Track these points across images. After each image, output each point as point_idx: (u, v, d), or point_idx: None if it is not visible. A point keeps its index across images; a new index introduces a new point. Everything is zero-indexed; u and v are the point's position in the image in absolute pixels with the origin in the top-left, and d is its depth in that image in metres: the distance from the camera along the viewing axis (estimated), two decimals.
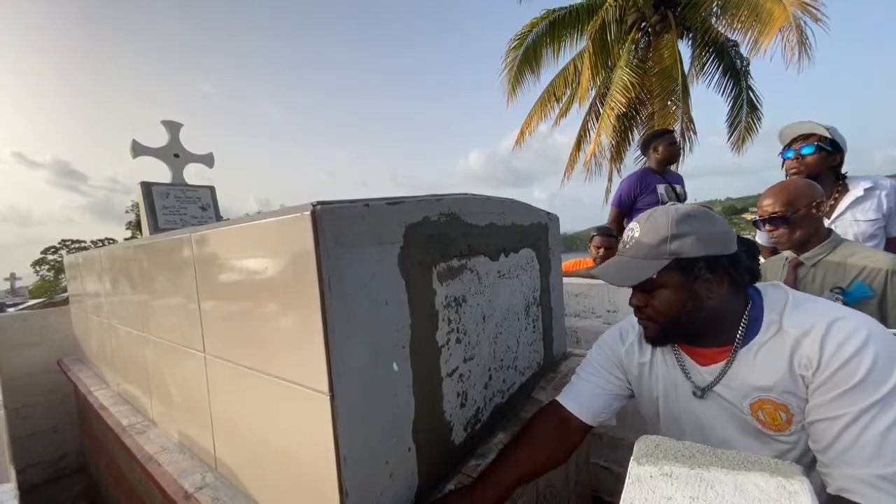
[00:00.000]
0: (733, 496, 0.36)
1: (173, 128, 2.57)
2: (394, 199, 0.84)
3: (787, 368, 0.71)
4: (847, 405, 0.63)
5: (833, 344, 0.66)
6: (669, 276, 0.78)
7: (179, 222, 2.40)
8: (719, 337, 0.81)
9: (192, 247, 1.04)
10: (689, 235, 0.76)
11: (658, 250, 0.78)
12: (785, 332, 0.73)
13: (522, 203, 1.41)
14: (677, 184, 2.81)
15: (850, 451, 0.62)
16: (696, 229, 0.76)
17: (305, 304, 0.70)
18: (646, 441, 0.44)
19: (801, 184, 1.38)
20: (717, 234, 0.77)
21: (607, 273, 0.86)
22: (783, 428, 0.73)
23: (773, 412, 0.73)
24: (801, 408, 0.71)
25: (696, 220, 0.77)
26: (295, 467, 0.81)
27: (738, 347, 0.78)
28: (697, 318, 0.79)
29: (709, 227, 0.77)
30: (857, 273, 1.29)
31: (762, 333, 0.76)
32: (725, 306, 0.79)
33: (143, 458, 1.20)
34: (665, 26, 6.94)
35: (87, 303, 2.16)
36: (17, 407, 2.68)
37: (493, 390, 1.18)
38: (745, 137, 7.48)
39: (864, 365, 0.62)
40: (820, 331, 0.68)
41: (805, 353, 0.69)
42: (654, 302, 0.81)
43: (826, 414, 0.65)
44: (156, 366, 1.38)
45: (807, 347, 0.69)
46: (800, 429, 0.72)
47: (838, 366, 0.64)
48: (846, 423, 0.63)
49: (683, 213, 0.78)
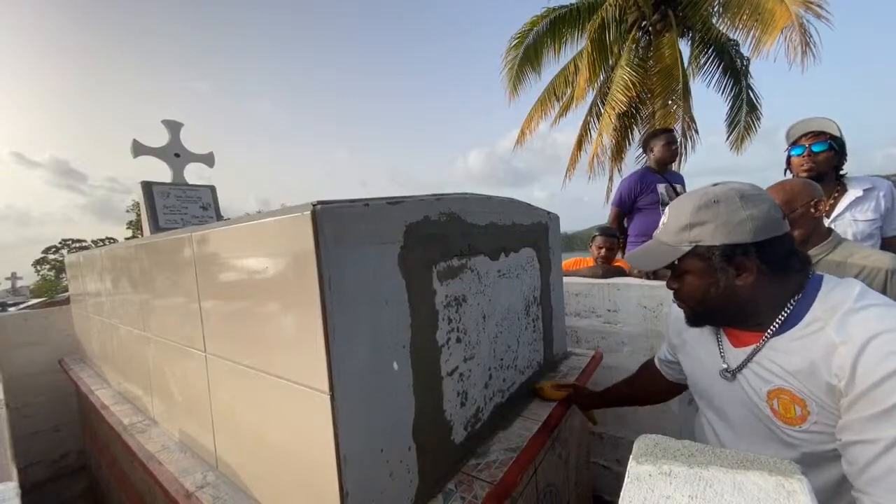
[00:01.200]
0: (732, 495, 0.36)
1: (174, 127, 2.57)
2: (394, 199, 0.84)
3: (817, 369, 0.67)
4: (885, 428, 0.59)
5: (872, 358, 0.61)
6: (691, 263, 0.78)
7: (180, 222, 2.41)
8: (755, 322, 0.78)
9: (193, 246, 1.05)
10: (709, 223, 0.74)
11: (679, 237, 0.78)
12: (826, 334, 0.67)
13: (523, 202, 1.41)
14: (678, 183, 2.80)
15: (885, 479, 0.58)
16: (717, 216, 0.74)
17: (306, 304, 0.70)
18: (645, 440, 0.44)
19: (798, 183, 1.38)
20: (742, 220, 0.73)
21: (634, 256, 0.89)
22: (795, 422, 0.71)
23: (788, 403, 0.71)
24: (820, 412, 0.68)
25: (720, 205, 0.74)
26: (295, 466, 0.81)
27: (772, 336, 0.75)
28: (726, 303, 0.78)
29: (732, 214, 0.73)
30: (857, 273, 1.29)
31: (801, 328, 0.72)
32: (758, 294, 0.75)
33: (144, 456, 1.21)
34: (666, 25, 6.93)
35: (88, 302, 2.17)
36: (19, 406, 2.68)
37: (494, 389, 1.19)
38: (745, 137, 7.45)
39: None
40: (861, 341, 0.62)
41: (839, 361, 0.64)
42: (683, 287, 0.82)
43: (861, 436, 0.61)
44: (157, 365, 1.38)
45: (842, 356, 0.64)
46: (810, 431, 0.70)
47: (874, 382, 0.60)
48: (884, 448, 0.58)
49: (709, 198, 0.75)
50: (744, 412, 0.80)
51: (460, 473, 0.99)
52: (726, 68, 7.18)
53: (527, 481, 1.11)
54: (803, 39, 5.40)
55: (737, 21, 6.25)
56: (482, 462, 1.04)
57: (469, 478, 0.97)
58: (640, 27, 7.32)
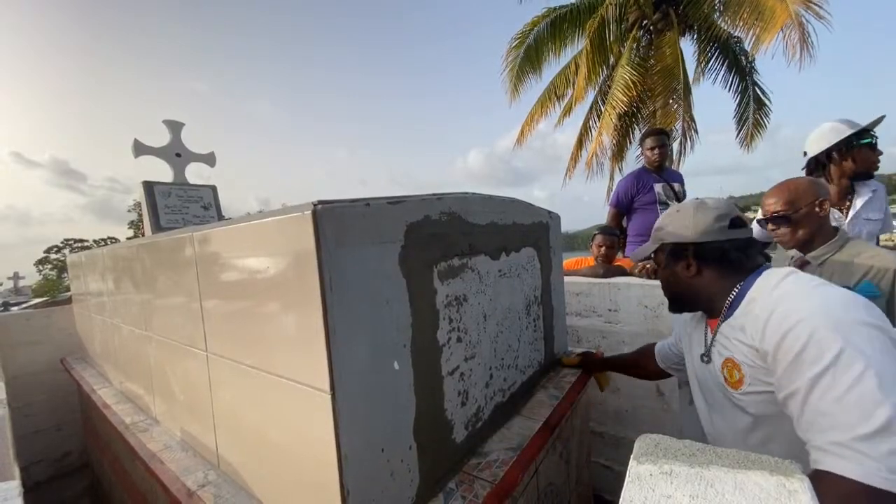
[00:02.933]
0: (733, 494, 0.36)
1: (175, 127, 2.57)
2: (395, 199, 0.84)
3: (746, 337, 0.80)
4: (796, 378, 0.66)
5: (774, 321, 0.72)
6: (659, 258, 1.00)
7: (181, 221, 2.41)
8: (709, 307, 0.94)
9: (194, 246, 1.05)
10: (669, 226, 0.96)
11: (655, 235, 1.01)
12: (756, 306, 0.80)
13: (523, 202, 1.41)
14: (676, 182, 2.80)
15: (813, 423, 0.64)
16: (675, 220, 0.95)
17: (307, 304, 0.71)
18: (645, 440, 0.44)
19: (804, 182, 1.38)
20: (685, 226, 0.92)
21: (635, 252, 1.11)
22: (737, 386, 0.84)
23: (731, 370, 0.85)
24: (752, 374, 0.79)
25: (679, 214, 0.95)
26: (297, 465, 0.81)
27: (724, 319, 0.89)
28: (680, 290, 0.98)
29: (683, 220, 0.93)
30: (865, 272, 1.28)
31: (741, 308, 0.85)
32: (707, 285, 0.92)
33: (146, 455, 1.21)
34: (667, 24, 6.91)
35: (90, 302, 2.17)
36: (21, 405, 2.69)
37: (494, 389, 1.19)
38: (754, 134, 7.41)
39: (800, 338, 0.66)
40: (770, 308, 0.75)
41: (758, 326, 0.76)
42: (661, 278, 1.03)
43: (786, 389, 0.69)
44: (158, 364, 1.39)
45: (760, 321, 0.76)
46: (749, 392, 0.81)
47: (778, 339, 0.70)
48: (803, 397, 0.65)
49: (675, 209, 0.98)
50: (715, 388, 0.93)
51: (461, 473, 0.99)
52: (731, 65, 7.16)
53: (528, 480, 1.11)
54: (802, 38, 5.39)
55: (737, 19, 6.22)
56: (483, 461, 1.04)
57: (470, 477, 0.97)
58: (640, 26, 7.31)
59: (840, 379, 0.61)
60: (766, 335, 0.73)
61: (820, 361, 0.63)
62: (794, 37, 5.41)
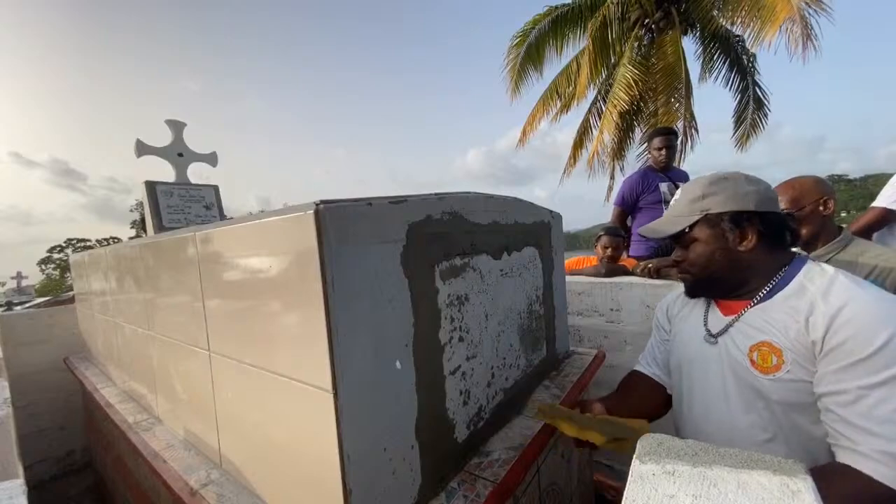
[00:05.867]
0: (736, 494, 0.36)
1: (177, 127, 2.58)
2: (397, 198, 0.84)
3: (796, 322, 0.75)
4: (857, 377, 0.64)
5: (848, 313, 0.67)
6: (700, 230, 0.87)
7: (184, 221, 2.42)
8: (747, 289, 0.87)
9: (197, 245, 1.05)
10: (720, 193, 0.85)
11: (692, 207, 0.88)
12: (809, 296, 0.76)
13: (525, 201, 1.41)
14: (682, 181, 2.79)
15: (859, 426, 0.63)
16: (727, 188, 0.85)
17: (309, 303, 0.71)
18: (648, 439, 0.44)
19: (808, 181, 1.37)
20: (748, 192, 0.84)
21: (649, 227, 0.97)
22: (770, 371, 0.77)
23: (767, 354, 0.78)
24: (794, 362, 0.74)
25: (729, 181, 0.86)
26: (299, 464, 0.81)
27: (761, 300, 0.83)
28: (728, 269, 0.86)
29: (740, 187, 0.84)
30: (869, 272, 1.28)
31: (787, 290, 0.80)
32: (756, 261, 0.84)
33: (149, 454, 1.22)
34: (668, 23, 6.89)
35: (92, 301, 2.18)
36: (25, 404, 2.70)
37: (496, 388, 1.19)
38: (751, 134, 7.40)
39: (878, 339, 0.63)
40: (841, 299, 0.70)
41: (818, 315, 0.71)
42: (689, 255, 0.91)
43: (836, 386, 0.67)
44: (161, 363, 1.39)
45: (821, 311, 0.71)
46: (783, 380, 0.76)
47: (849, 335, 0.66)
48: (857, 397, 0.64)
49: (719, 176, 0.88)
50: (719, 370, 0.88)
51: (463, 472, 0.99)
52: (732, 64, 7.14)
53: (529, 480, 1.11)
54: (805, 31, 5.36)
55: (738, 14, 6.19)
56: (485, 461, 1.04)
57: (472, 476, 0.97)
58: (642, 25, 7.29)
59: None
60: (835, 330, 0.68)
61: (890, 369, 0.62)
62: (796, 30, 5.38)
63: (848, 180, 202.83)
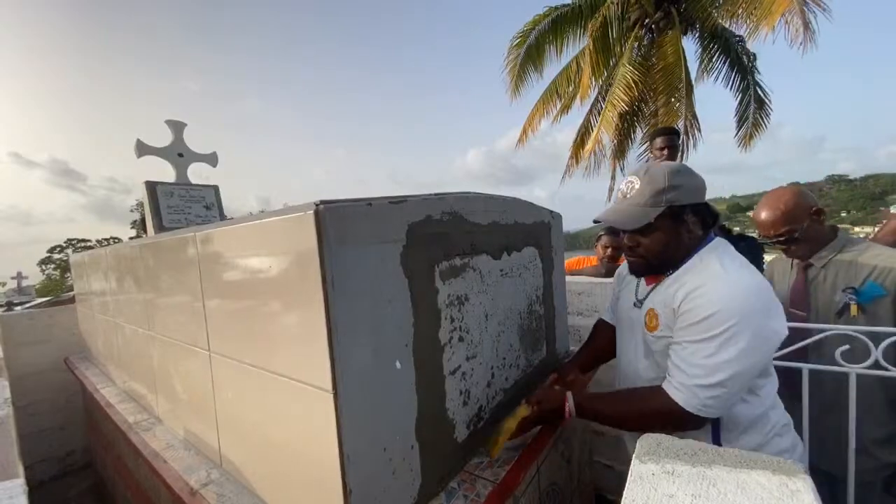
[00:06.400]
0: (735, 494, 0.36)
1: (177, 127, 2.58)
2: (397, 198, 0.84)
3: (669, 298, 0.95)
4: (687, 335, 0.88)
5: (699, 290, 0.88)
6: (663, 221, 0.94)
7: (184, 221, 2.42)
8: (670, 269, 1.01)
9: (197, 246, 1.05)
10: (682, 187, 0.93)
11: (656, 199, 0.93)
12: (689, 270, 0.96)
13: (525, 201, 1.41)
14: None
15: (678, 366, 0.89)
16: (686, 181, 0.94)
17: (309, 303, 0.71)
18: (648, 439, 0.44)
19: (791, 198, 1.37)
20: (700, 186, 0.96)
21: (611, 217, 1.01)
22: (652, 329, 1.00)
23: (652, 317, 1.00)
24: (665, 324, 0.96)
25: (684, 174, 0.95)
26: (299, 464, 0.81)
27: (670, 274, 1.00)
28: (676, 254, 0.98)
29: (695, 180, 0.95)
30: (869, 272, 1.28)
31: (684, 266, 0.97)
32: (693, 244, 0.98)
33: (149, 454, 1.22)
34: (669, 23, 6.89)
35: (93, 301, 2.18)
36: (25, 404, 2.71)
37: (496, 388, 1.19)
38: (753, 133, 7.39)
39: (707, 311, 0.85)
40: (701, 279, 0.90)
41: (681, 290, 0.92)
42: (646, 242, 0.98)
43: (676, 339, 0.91)
44: (161, 363, 1.39)
45: (684, 287, 0.92)
46: (657, 337, 0.98)
47: (692, 306, 0.88)
48: (683, 347, 0.89)
49: (675, 168, 0.95)
50: (637, 328, 1.07)
51: (463, 472, 0.99)
52: (732, 64, 7.13)
53: (529, 480, 1.11)
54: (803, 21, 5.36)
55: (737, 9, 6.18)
56: (485, 461, 1.04)
57: (472, 476, 0.97)
58: (642, 25, 7.28)
59: (710, 348, 0.84)
60: (685, 302, 0.90)
61: (709, 332, 0.84)
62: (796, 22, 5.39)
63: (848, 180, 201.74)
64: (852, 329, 1.19)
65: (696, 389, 0.85)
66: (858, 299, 1.28)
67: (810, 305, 1.41)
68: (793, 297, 1.46)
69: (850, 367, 1.19)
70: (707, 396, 0.84)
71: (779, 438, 0.94)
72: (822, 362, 1.28)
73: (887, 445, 1.30)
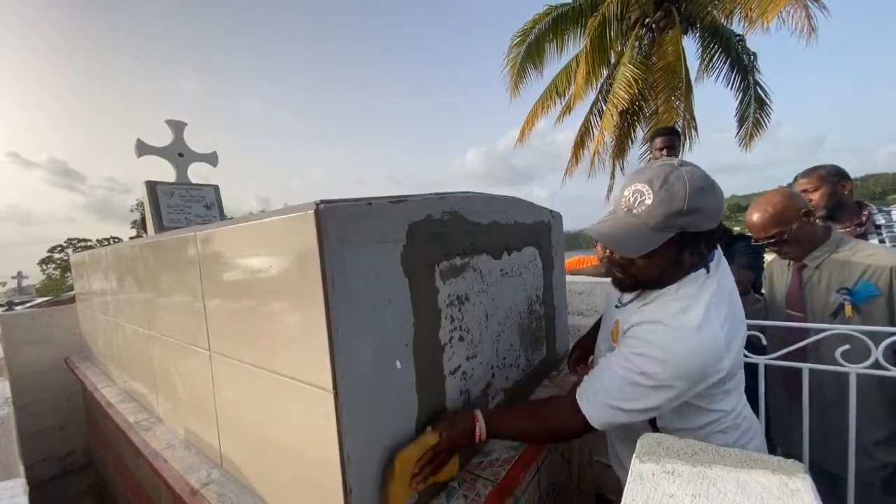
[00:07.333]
0: (736, 493, 0.36)
1: (177, 127, 2.58)
2: (397, 198, 0.84)
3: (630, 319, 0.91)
4: (617, 355, 0.87)
5: (642, 326, 0.85)
6: (668, 246, 0.79)
7: (184, 221, 2.42)
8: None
9: (197, 245, 1.05)
10: (702, 211, 0.75)
11: (668, 222, 0.76)
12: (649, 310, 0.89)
13: (525, 201, 1.41)
14: None
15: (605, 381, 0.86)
16: (708, 203, 0.76)
17: (309, 303, 0.71)
18: (648, 439, 0.44)
19: (780, 200, 1.37)
20: (719, 207, 0.79)
21: (607, 236, 0.84)
22: (614, 340, 0.98)
23: (615, 329, 0.98)
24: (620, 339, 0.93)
25: (707, 192, 0.76)
26: (299, 464, 0.81)
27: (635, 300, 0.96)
28: (671, 279, 0.86)
29: (716, 200, 0.77)
30: (862, 272, 1.28)
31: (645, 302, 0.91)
32: (690, 270, 0.86)
33: (149, 454, 1.22)
34: (669, 22, 6.88)
35: (93, 301, 2.18)
36: (26, 404, 2.71)
37: (496, 388, 1.19)
38: (754, 133, 7.39)
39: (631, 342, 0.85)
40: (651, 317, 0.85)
41: (635, 319, 0.88)
42: (642, 265, 0.84)
43: (616, 353, 0.90)
44: (161, 363, 1.39)
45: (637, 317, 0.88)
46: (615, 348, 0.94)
47: (630, 335, 0.87)
48: (616, 366, 0.85)
49: (698, 185, 0.75)
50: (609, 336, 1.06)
51: (463, 472, 0.99)
52: (733, 63, 7.13)
53: (529, 479, 1.12)
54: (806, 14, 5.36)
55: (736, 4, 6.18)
56: (485, 460, 1.04)
57: (472, 476, 0.98)
58: (643, 24, 7.28)
59: (637, 384, 0.80)
60: (636, 328, 0.87)
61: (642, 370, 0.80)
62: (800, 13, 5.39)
63: None
64: (852, 329, 1.19)
65: (609, 410, 0.83)
66: (852, 300, 1.28)
67: (806, 307, 1.41)
68: (789, 298, 1.46)
69: (850, 367, 1.19)
70: (617, 419, 0.84)
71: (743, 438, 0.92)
72: (821, 363, 1.28)
73: (887, 445, 1.30)
